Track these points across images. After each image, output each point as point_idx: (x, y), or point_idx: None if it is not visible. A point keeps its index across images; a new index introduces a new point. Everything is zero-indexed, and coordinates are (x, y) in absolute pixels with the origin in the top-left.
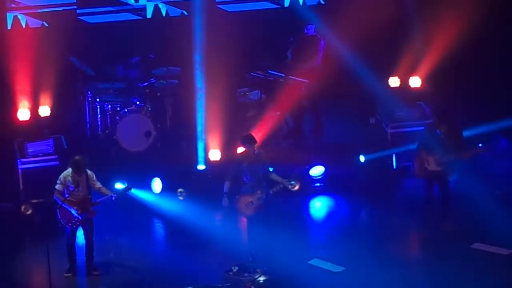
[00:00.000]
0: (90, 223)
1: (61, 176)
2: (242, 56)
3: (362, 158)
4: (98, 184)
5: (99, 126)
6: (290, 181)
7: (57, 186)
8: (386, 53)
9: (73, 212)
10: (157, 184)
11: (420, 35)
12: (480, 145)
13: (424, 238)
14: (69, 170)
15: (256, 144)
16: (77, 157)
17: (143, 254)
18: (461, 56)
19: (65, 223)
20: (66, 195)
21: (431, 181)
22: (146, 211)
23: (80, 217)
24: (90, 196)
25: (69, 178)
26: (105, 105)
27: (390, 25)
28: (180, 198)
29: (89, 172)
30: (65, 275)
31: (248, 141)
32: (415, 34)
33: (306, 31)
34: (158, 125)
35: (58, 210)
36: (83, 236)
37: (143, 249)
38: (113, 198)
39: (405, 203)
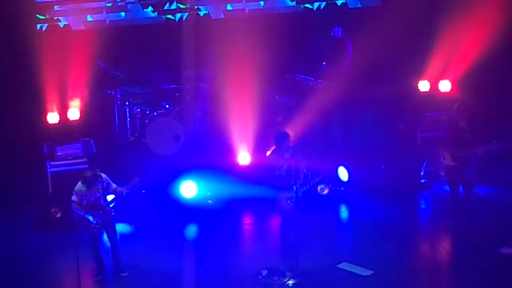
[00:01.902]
0: (112, 226)
1: (76, 189)
2: (272, 60)
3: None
4: (114, 185)
5: (128, 130)
6: (320, 186)
7: (73, 198)
8: (417, 57)
9: (90, 218)
10: (190, 188)
11: (450, 38)
12: (494, 141)
13: (451, 241)
14: (80, 183)
15: (289, 141)
16: (87, 174)
17: (171, 257)
18: (493, 59)
19: (84, 229)
20: (84, 201)
21: (455, 183)
22: (175, 215)
23: (98, 221)
24: (104, 199)
25: (84, 189)
26: (134, 109)
27: (421, 28)
28: (209, 201)
29: (103, 175)
30: (95, 278)
31: (282, 138)
32: (445, 37)
33: (332, 33)
34: (187, 129)
35: (76, 217)
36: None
37: (172, 252)
38: (124, 193)
39: (432, 207)
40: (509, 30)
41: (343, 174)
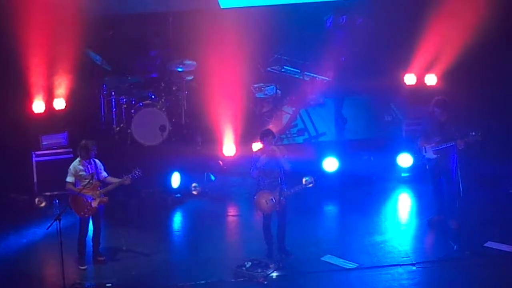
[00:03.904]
0: (99, 211)
1: (71, 167)
2: (258, 51)
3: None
4: (104, 174)
5: (114, 120)
6: (305, 178)
7: (68, 179)
8: (403, 50)
9: (87, 198)
10: (174, 178)
11: (437, 32)
12: (473, 133)
13: (435, 235)
14: (77, 160)
15: (274, 139)
16: (83, 141)
17: (156, 247)
18: (479, 53)
19: (78, 213)
20: (78, 185)
21: (437, 176)
22: (161, 205)
23: (92, 204)
24: (100, 184)
25: (80, 167)
26: (120, 99)
27: (407, 21)
28: (194, 192)
29: (97, 161)
30: (81, 267)
31: (266, 135)
32: (432, 31)
33: (327, 24)
34: (173, 119)
35: (70, 200)
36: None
37: (156, 243)
38: (127, 182)
39: (416, 200)
40: (494, 24)
41: (329, 165)
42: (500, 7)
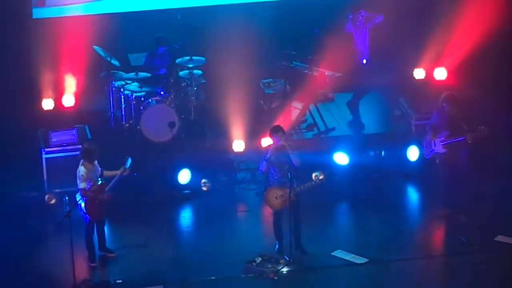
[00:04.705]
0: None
1: (79, 174)
2: (268, 46)
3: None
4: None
5: (123, 116)
6: (315, 173)
7: (80, 185)
8: (412, 44)
9: (97, 199)
10: (185, 175)
11: (447, 25)
12: (483, 128)
13: (445, 229)
14: (81, 164)
15: (284, 135)
16: (85, 145)
17: (165, 243)
18: (489, 47)
19: (92, 216)
20: (89, 185)
21: (446, 170)
22: (169, 201)
23: (102, 204)
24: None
25: (86, 170)
26: (129, 95)
27: (416, 14)
28: (204, 188)
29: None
30: (91, 264)
31: (276, 131)
32: (442, 24)
33: (347, 25)
34: (182, 116)
35: (86, 205)
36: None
37: (166, 239)
38: (125, 173)
39: (426, 195)
40: (505, 18)
41: (339, 160)
42: None
